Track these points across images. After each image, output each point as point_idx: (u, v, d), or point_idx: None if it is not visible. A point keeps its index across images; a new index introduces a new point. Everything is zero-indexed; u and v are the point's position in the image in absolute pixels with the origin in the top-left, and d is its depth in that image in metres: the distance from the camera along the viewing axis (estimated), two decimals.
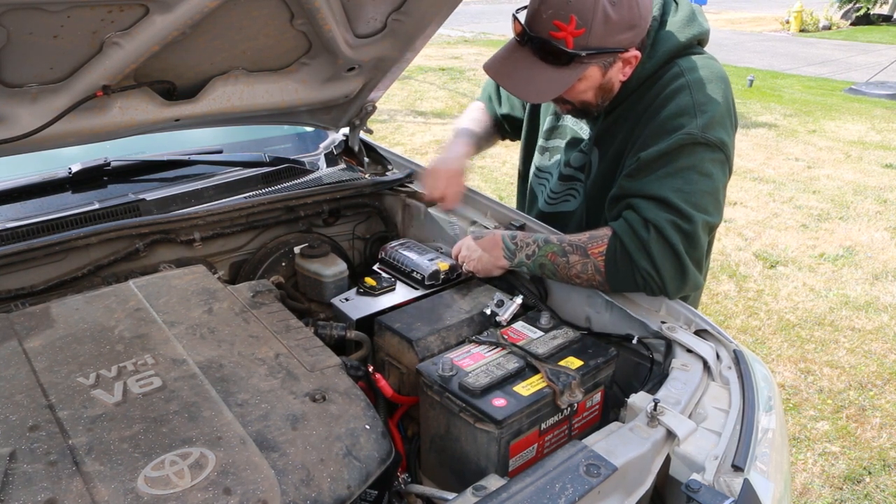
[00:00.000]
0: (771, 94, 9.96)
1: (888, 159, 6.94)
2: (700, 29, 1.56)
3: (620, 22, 1.39)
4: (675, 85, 1.49)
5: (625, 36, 1.42)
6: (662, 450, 1.14)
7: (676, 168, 1.44)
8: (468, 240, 1.70)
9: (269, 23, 1.50)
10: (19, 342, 1.24)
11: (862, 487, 2.71)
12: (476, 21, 18.66)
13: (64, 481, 0.92)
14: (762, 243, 4.99)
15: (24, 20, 1.19)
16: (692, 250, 1.43)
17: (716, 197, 1.47)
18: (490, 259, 1.63)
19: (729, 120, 1.50)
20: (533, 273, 1.60)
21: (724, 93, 1.50)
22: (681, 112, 1.46)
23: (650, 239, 1.41)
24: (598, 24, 1.37)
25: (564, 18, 1.37)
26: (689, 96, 1.47)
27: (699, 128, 1.44)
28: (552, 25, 1.38)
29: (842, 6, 19.02)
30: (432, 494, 1.25)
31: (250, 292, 1.49)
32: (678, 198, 1.42)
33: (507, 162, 6.59)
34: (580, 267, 1.50)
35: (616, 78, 1.52)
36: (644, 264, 1.42)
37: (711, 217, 1.45)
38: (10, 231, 1.63)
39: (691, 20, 1.56)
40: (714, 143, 1.44)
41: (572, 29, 1.37)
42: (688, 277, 1.44)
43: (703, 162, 1.44)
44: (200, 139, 2.28)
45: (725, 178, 1.50)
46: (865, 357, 3.60)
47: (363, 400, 1.17)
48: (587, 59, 1.43)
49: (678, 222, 1.41)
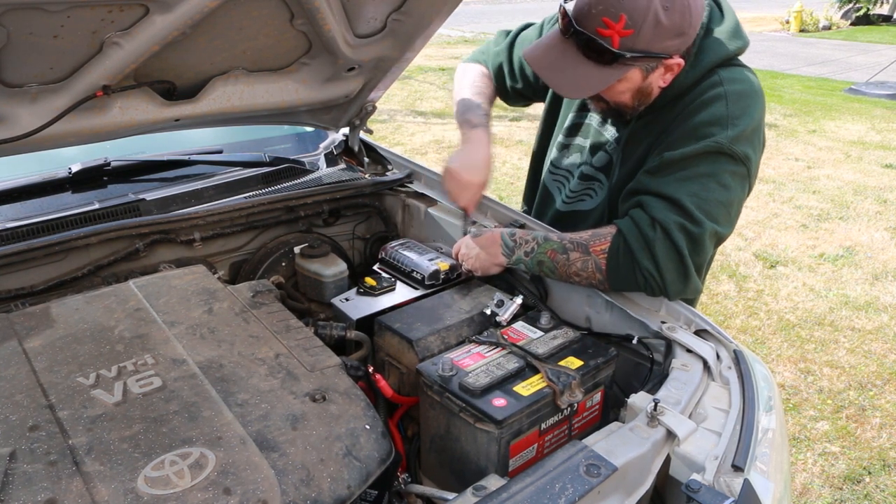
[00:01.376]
0: (771, 94, 9.94)
1: (888, 159, 6.94)
2: (743, 42, 1.53)
3: (671, 28, 1.35)
4: (713, 93, 1.47)
5: (672, 42, 1.39)
6: (662, 450, 1.14)
7: (697, 173, 1.43)
8: (468, 238, 1.69)
9: (269, 23, 1.50)
10: (19, 342, 1.24)
11: (862, 487, 2.71)
12: (476, 21, 18.65)
13: (64, 481, 0.92)
14: (762, 243, 4.99)
15: (25, 20, 1.19)
16: (696, 255, 1.43)
17: (729, 209, 1.46)
18: (488, 256, 1.63)
19: (758, 137, 1.49)
20: (531, 271, 1.59)
21: (759, 110, 1.49)
22: (714, 121, 1.45)
23: (655, 238, 1.41)
24: (648, 27, 1.34)
25: (614, 16, 1.33)
26: (725, 107, 1.45)
27: (728, 139, 1.42)
28: (601, 22, 1.34)
29: (842, 6, 19.02)
30: (432, 494, 1.25)
31: (250, 292, 1.49)
32: (691, 202, 1.41)
33: (507, 162, 6.59)
34: (580, 264, 1.49)
35: (656, 83, 1.49)
36: (647, 263, 1.42)
37: (721, 227, 1.45)
38: (10, 231, 1.63)
39: (737, 31, 1.53)
40: (739, 156, 1.44)
41: (620, 28, 1.34)
42: (689, 281, 1.44)
43: (724, 173, 1.43)
44: (200, 139, 2.28)
45: (744, 193, 1.49)
46: (865, 357, 3.60)
47: (363, 400, 1.17)
48: (631, 60, 1.39)
49: (686, 225, 1.41)
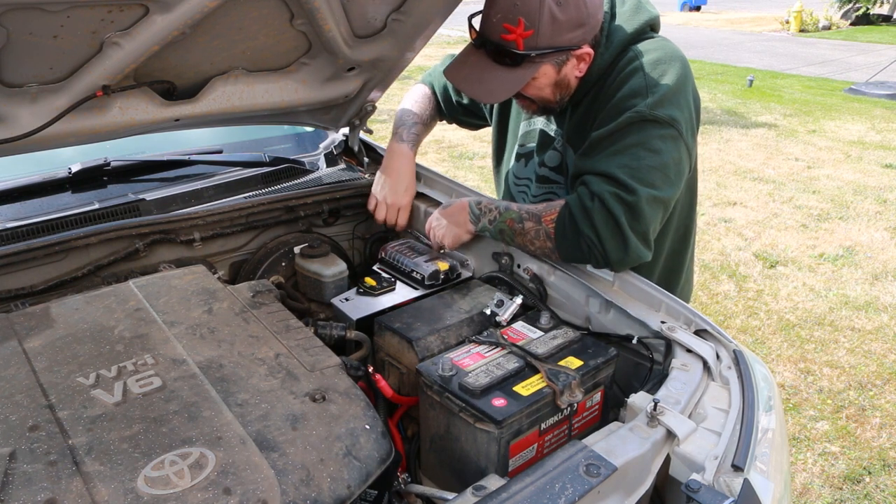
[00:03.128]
0: (771, 94, 9.96)
1: (888, 159, 6.94)
2: (649, 15, 1.60)
3: (568, 21, 1.43)
4: (630, 68, 1.53)
5: (574, 34, 1.46)
6: (662, 450, 1.14)
7: (624, 145, 1.48)
8: (437, 211, 1.77)
9: (269, 23, 1.50)
10: (19, 342, 1.24)
11: (862, 487, 2.71)
12: None
13: (64, 481, 0.92)
14: (762, 243, 4.99)
15: (24, 20, 1.19)
16: (635, 222, 1.45)
17: (665, 172, 1.48)
18: (457, 225, 1.70)
19: (683, 97, 1.52)
20: (494, 238, 1.67)
21: (678, 71, 1.52)
22: (633, 93, 1.49)
23: (594, 209, 1.45)
24: (546, 25, 1.42)
25: (513, 21, 1.42)
26: (643, 78, 1.50)
27: (648, 106, 1.47)
28: (502, 28, 1.44)
29: (842, 6, 19.02)
30: (432, 494, 1.25)
31: (250, 292, 1.49)
32: (623, 173, 1.45)
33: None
34: (533, 233, 1.55)
35: (572, 74, 1.56)
36: (588, 232, 1.46)
37: (659, 191, 1.47)
38: (10, 231, 1.63)
39: (639, 8, 1.60)
40: (664, 119, 1.47)
41: (521, 31, 1.42)
42: (629, 248, 1.46)
43: (651, 139, 1.47)
44: (200, 139, 2.29)
45: (679, 152, 1.51)
46: (865, 357, 3.60)
47: (363, 400, 1.17)
48: (538, 58, 1.48)
49: (620, 194, 1.44)
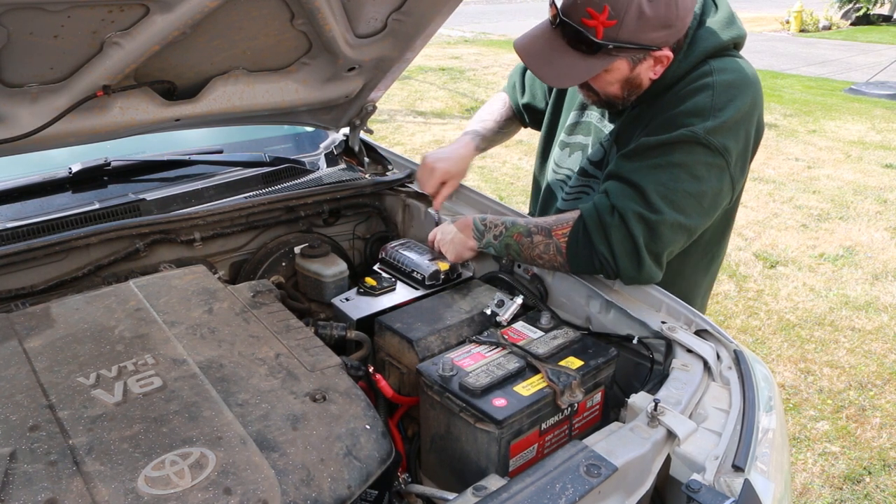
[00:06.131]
0: (771, 94, 9.94)
1: (888, 159, 6.94)
2: (738, 32, 1.52)
3: (655, 19, 1.36)
4: (701, 83, 1.46)
5: (658, 34, 1.39)
6: (663, 450, 1.14)
7: (669, 162, 1.43)
8: (444, 224, 1.75)
9: (269, 23, 1.50)
10: (19, 342, 1.24)
11: (862, 487, 2.71)
12: (476, 21, 18.65)
13: (64, 481, 0.92)
14: (762, 243, 4.99)
15: (25, 20, 1.19)
16: (652, 243, 1.42)
17: (700, 200, 1.44)
18: (461, 241, 1.67)
19: (743, 128, 1.46)
20: (499, 254, 1.63)
21: (748, 101, 1.46)
22: (696, 111, 1.44)
23: (612, 224, 1.42)
24: (631, 18, 1.35)
25: (598, 7, 1.35)
26: (711, 97, 1.44)
27: (705, 129, 1.41)
28: (585, 12, 1.36)
29: (842, 6, 19.01)
30: (432, 494, 1.25)
31: (250, 292, 1.49)
32: (655, 191, 1.41)
33: (507, 162, 6.59)
34: (543, 247, 1.52)
35: (646, 75, 1.48)
36: (602, 249, 1.44)
37: (688, 218, 1.43)
38: (10, 231, 1.63)
39: (731, 22, 1.52)
40: (716, 147, 1.42)
41: (604, 19, 1.35)
42: (643, 268, 1.44)
43: (697, 164, 1.42)
44: (200, 139, 2.28)
45: (721, 184, 1.46)
46: (865, 357, 3.60)
47: (363, 400, 1.17)
48: (615, 51, 1.40)
49: (644, 213, 1.41)
